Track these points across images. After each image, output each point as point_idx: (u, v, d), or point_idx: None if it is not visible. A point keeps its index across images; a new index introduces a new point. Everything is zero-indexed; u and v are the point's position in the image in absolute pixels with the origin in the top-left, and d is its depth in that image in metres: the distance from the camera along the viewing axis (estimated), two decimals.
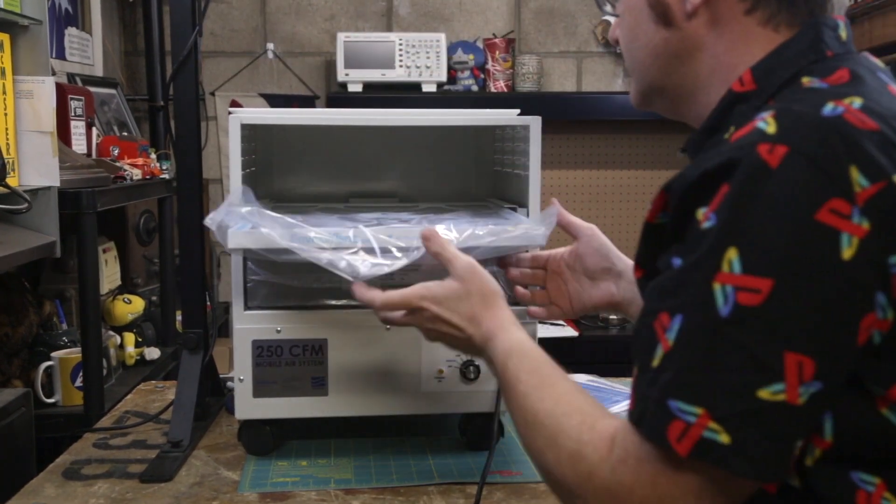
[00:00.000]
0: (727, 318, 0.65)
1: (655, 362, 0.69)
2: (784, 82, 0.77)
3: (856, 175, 0.65)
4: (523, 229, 1.21)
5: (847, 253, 0.64)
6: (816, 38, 0.78)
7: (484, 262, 1.07)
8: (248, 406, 1.26)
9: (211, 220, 1.17)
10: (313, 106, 3.35)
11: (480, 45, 3.35)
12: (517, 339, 0.95)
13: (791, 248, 0.64)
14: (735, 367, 0.65)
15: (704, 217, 0.68)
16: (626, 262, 1.20)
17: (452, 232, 1.15)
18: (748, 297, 0.65)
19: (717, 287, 0.66)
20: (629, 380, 0.79)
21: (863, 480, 0.69)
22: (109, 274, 2.47)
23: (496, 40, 3.32)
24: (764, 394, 0.65)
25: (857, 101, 0.69)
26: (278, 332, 1.25)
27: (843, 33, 0.80)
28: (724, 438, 0.65)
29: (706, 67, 0.83)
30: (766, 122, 0.68)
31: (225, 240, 1.16)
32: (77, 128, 2.30)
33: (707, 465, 0.66)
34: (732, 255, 0.66)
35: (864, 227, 0.64)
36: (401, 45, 3.17)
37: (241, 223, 1.16)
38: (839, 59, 0.77)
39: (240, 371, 1.25)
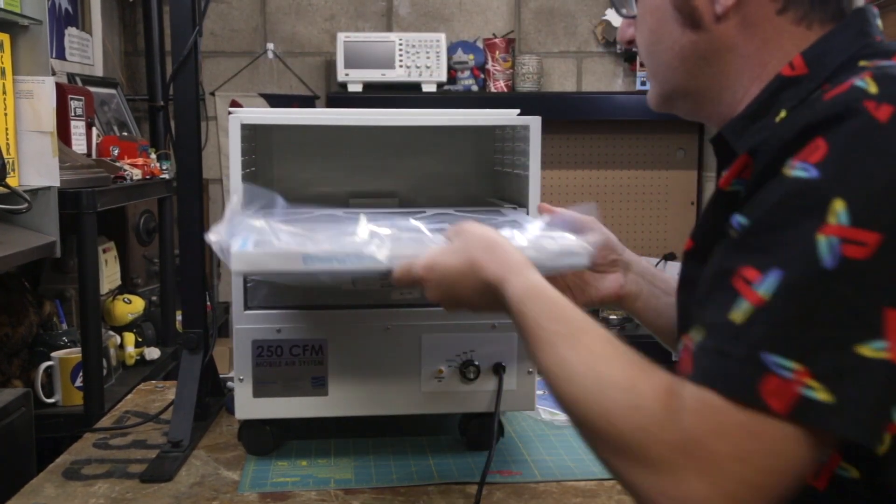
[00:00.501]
0: (832, 270, 0.63)
1: (739, 317, 0.66)
2: (839, 66, 0.77)
3: None
4: (567, 245, 1.03)
5: None
6: (865, 23, 0.80)
7: None
8: (248, 406, 1.26)
9: (215, 236, 1.01)
10: (313, 106, 3.35)
11: (480, 45, 3.35)
12: (532, 283, 0.86)
13: None
14: (837, 322, 0.63)
15: (793, 168, 0.67)
16: (631, 254, 1.17)
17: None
18: (855, 250, 0.63)
19: (821, 239, 0.64)
20: None
21: None
22: (109, 274, 2.47)
23: (496, 40, 3.32)
24: (865, 350, 0.63)
25: None
26: (278, 332, 1.25)
27: (879, 22, 0.82)
28: (822, 396, 0.63)
29: (734, 68, 0.83)
30: (866, 82, 0.68)
31: (228, 262, 1.00)
32: (77, 128, 2.30)
33: (801, 423, 0.63)
34: (839, 206, 0.64)
35: None
36: (401, 45, 3.17)
37: (244, 239, 1.02)
38: (890, 45, 0.79)
39: (240, 371, 1.25)
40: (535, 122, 1.30)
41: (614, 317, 3.25)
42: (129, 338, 2.48)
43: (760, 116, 0.80)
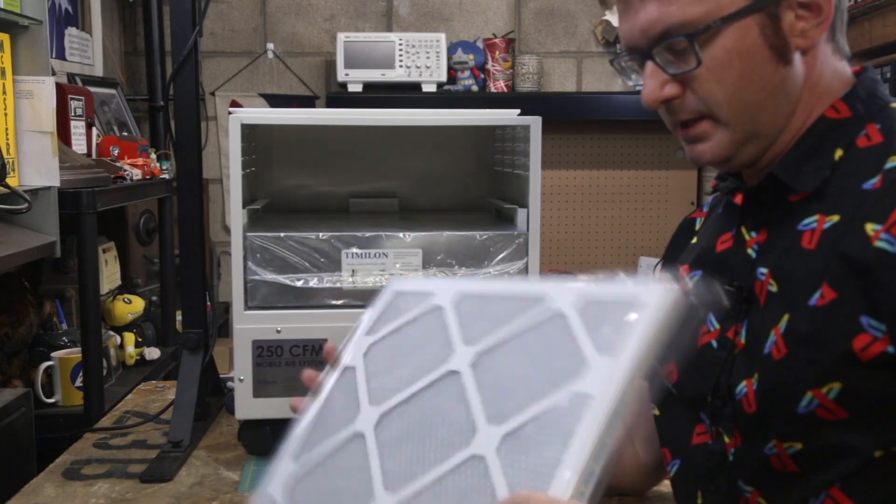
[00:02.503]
0: None
1: None
2: (878, 108, 0.84)
3: None
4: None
5: None
6: (875, 83, 0.87)
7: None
8: (248, 406, 1.26)
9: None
10: (313, 106, 3.34)
11: (480, 45, 3.35)
12: None
13: None
14: None
15: None
16: None
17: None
18: None
19: None
20: None
21: None
22: (109, 274, 2.47)
23: (496, 40, 3.32)
24: None
25: None
26: (278, 332, 1.25)
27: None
28: None
29: (801, 102, 0.85)
30: None
31: None
32: (77, 128, 2.30)
33: None
34: None
35: None
36: (401, 45, 3.17)
37: None
38: None
39: (240, 371, 1.25)
40: (535, 122, 1.30)
41: None
42: (129, 338, 2.47)
43: (814, 156, 0.84)
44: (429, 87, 3.21)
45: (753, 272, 0.86)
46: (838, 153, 0.83)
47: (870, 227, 0.76)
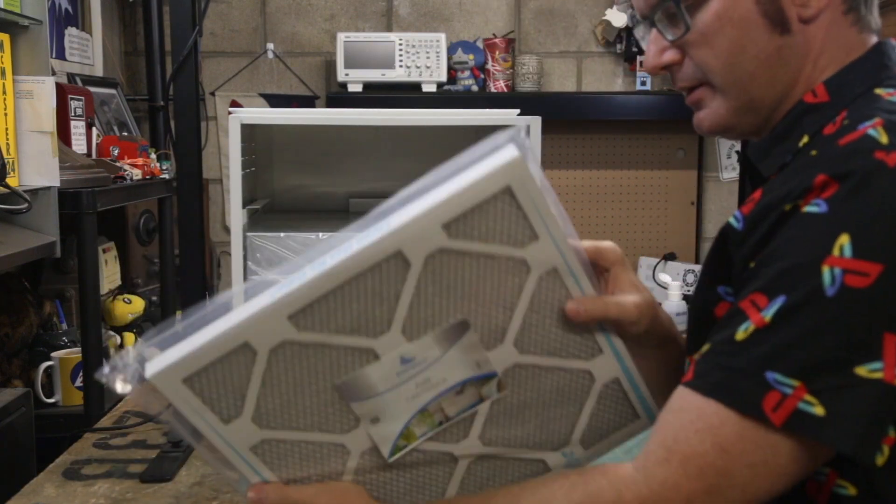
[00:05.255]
0: (832, 297, 0.68)
1: (741, 336, 0.71)
2: (858, 95, 0.80)
3: None
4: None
5: None
6: (885, 56, 0.82)
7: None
8: None
9: None
10: (313, 106, 3.34)
11: (480, 45, 3.35)
12: None
13: None
14: (835, 344, 0.68)
15: (808, 204, 0.71)
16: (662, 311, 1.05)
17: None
18: (856, 280, 0.68)
19: (825, 269, 0.69)
20: None
21: None
22: (109, 274, 2.47)
23: (496, 40, 3.32)
24: (861, 370, 0.68)
25: None
26: None
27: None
28: (818, 410, 0.68)
29: (802, 73, 0.82)
30: (878, 132, 0.73)
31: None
32: (77, 128, 2.30)
33: (797, 435, 0.69)
34: (844, 240, 0.69)
35: None
36: (401, 45, 3.17)
37: None
38: None
39: None
40: (535, 122, 1.30)
41: None
42: (129, 338, 2.47)
43: (784, 140, 0.83)
44: (429, 87, 3.21)
45: None
46: (804, 139, 0.81)
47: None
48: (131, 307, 2.49)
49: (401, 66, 3.18)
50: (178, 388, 0.69)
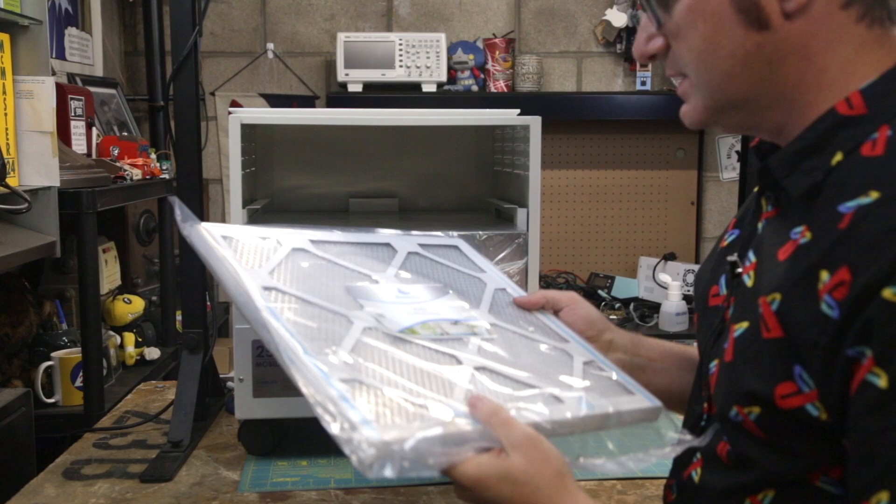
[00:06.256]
0: None
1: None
2: None
3: None
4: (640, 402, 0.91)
5: None
6: None
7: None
8: (248, 406, 1.26)
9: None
10: (313, 106, 3.34)
11: (480, 45, 3.35)
12: None
13: None
14: None
15: None
16: (616, 333, 1.04)
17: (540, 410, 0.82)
18: None
19: None
20: None
21: None
22: (109, 274, 2.47)
23: (496, 40, 3.32)
24: None
25: None
26: None
27: None
28: None
29: (796, 71, 0.76)
30: None
31: None
32: (77, 128, 2.30)
33: None
34: None
35: None
36: (401, 45, 3.18)
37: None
38: None
39: (240, 371, 1.25)
40: (535, 122, 1.30)
41: (613, 317, 3.25)
42: (129, 338, 2.48)
43: (813, 154, 0.75)
44: (429, 87, 3.21)
45: (747, 251, 0.83)
46: (837, 157, 0.73)
47: (824, 275, 0.68)
48: (131, 307, 2.49)
49: (401, 66, 3.18)
50: (219, 239, 0.92)
